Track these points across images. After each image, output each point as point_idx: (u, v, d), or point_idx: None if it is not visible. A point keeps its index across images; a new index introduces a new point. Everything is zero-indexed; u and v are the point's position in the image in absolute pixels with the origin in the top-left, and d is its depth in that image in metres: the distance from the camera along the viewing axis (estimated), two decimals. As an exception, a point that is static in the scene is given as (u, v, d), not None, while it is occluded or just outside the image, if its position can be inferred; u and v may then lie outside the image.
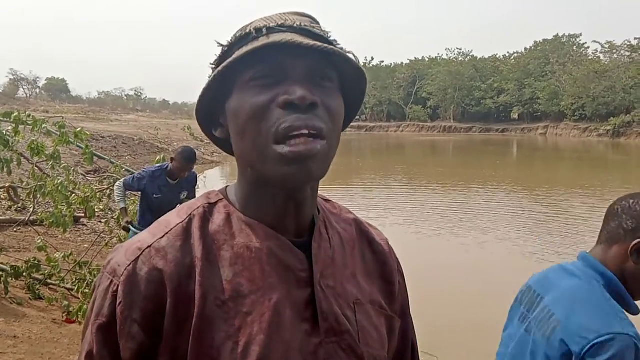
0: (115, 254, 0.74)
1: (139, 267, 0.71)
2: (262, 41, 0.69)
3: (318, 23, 0.77)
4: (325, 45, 0.70)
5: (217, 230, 0.75)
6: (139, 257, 0.72)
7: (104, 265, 0.75)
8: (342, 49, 0.74)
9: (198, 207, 0.77)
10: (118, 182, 5.04)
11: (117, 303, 0.70)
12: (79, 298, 4.53)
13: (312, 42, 0.69)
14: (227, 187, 0.83)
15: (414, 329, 0.95)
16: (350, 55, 0.72)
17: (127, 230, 4.85)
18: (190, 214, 0.76)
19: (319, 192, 0.82)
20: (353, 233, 0.86)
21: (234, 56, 0.70)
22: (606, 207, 1.46)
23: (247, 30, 0.73)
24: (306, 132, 0.68)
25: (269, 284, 0.73)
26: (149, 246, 0.72)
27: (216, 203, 0.78)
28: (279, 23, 0.72)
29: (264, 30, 0.72)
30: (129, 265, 0.71)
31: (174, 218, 0.77)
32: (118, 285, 0.71)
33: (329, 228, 0.82)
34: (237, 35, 0.74)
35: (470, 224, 10.39)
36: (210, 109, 0.77)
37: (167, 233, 0.74)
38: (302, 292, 0.75)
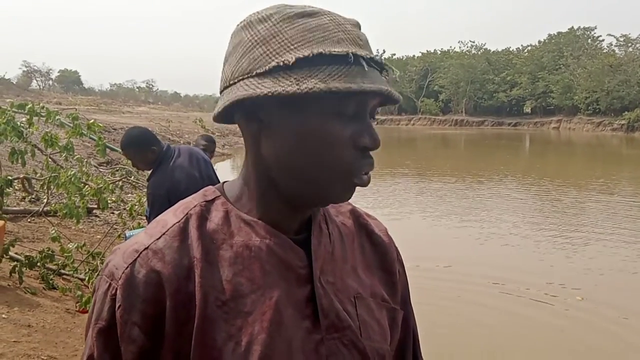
0: (113, 256, 0.74)
1: (137, 269, 0.71)
2: (360, 84, 0.67)
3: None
4: (397, 97, 0.71)
5: (215, 229, 0.74)
6: (136, 259, 0.72)
7: (102, 267, 0.75)
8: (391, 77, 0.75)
9: (195, 206, 0.77)
10: None
11: (117, 307, 0.71)
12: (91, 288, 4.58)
13: (398, 96, 0.72)
14: (224, 183, 0.82)
15: (415, 318, 0.94)
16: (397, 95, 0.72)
17: None
18: (187, 213, 0.76)
19: None
20: (352, 225, 0.86)
21: (332, 84, 0.66)
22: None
23: (341, 52, 0.68)
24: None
25: (269, 282, 0.73)
26: (146, 248, 0.72)
27: (213, 200, 0.78)
28: (358, 43, 0.70)
29: (351, 57, 0.68)
30: (126, 268, 0.71)
31: (170, 217, 0.76)
32: (116, 289, 0.71)
33: (328, 222, 0.82)
34: (329, 51, 0.68)
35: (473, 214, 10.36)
36: (254, 101, 0.70)
37: (164, 234, 0.74)
38: (302, 289, 0.75)
